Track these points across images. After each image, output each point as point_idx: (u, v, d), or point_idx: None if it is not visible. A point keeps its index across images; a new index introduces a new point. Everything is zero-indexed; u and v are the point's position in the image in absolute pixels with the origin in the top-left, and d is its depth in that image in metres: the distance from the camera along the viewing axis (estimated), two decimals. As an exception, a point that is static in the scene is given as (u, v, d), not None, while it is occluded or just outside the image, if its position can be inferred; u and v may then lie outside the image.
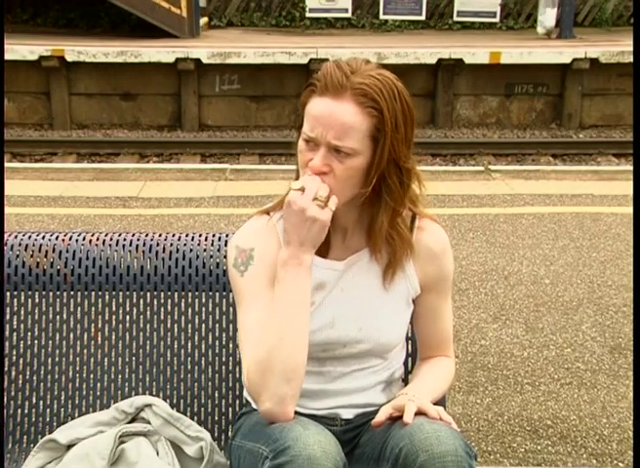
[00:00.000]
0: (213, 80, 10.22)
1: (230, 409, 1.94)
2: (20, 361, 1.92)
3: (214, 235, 2.00)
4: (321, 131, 1.52)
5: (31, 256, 1.92)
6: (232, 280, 1.66)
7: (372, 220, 1.62)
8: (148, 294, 1.94)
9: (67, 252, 1.93)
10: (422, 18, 12.39)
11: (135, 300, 1.94)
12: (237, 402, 1.94)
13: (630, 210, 5.42)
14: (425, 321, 1.76)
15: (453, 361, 1.83)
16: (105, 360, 1.93)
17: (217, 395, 1.94)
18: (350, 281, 1.67)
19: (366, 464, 1.61)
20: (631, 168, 6.38)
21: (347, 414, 1.70)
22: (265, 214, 1.70)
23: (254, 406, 1.74)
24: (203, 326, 1.94)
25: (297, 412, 1.67)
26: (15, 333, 1.92)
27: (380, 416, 1.58)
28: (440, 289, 1.74)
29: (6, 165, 7.13)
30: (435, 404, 1.62)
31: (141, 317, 1.94)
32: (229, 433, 1.92)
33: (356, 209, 1.62)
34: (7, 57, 8.70)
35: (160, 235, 2.00)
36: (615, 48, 10.24)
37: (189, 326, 1.94)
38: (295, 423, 1.52)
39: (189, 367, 1.94)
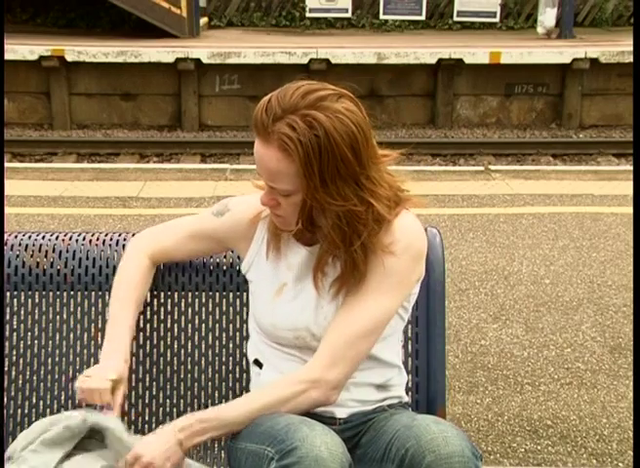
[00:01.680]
0: (213, 80, 10.22)
1: (230, 409, 1.94)
2: (20, 361, 1.92)
3: (214, 235, 2.00)
4: (259, 171, 1.58)
5: (31, 256, 1.92)
6: (205, 210, 1.83)
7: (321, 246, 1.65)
8: (148, 294, 1.93)
9: (67, 252, 1.93)
10: (422, 18, 12.39)
11: (135, 300, 1.94)
12: (237, 402, 1.94)
13: (630, 210, 5.42)
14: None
15: (317, 387, 1.62)
16: (105, 360, 1.93)
17: (217, 395, 1.94)
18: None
19: (368, 465, 1.61)
20: (631, 168, 6.38)
21: (341, 414, 1.69)
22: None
23: None
24: (203, 326, 1.94)
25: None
26: (15, 333, 1.92)
27: None
28: (367, 278, 1.63)
29: (6, 165, 7.13)
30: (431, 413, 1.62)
31: (141, 317, 1.94)
32: (229, 433, 1.92)
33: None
34: (7, 57, 8.70)
35: (160, 235, 2.00)
36: (615, 48, 10.24)
37: (189, 326, 1.94)
38: (300, 423, 1.52)
39: (189, 367, 1.94)
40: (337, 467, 1.45)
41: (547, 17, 11.69)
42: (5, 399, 1.90)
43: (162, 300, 1.94)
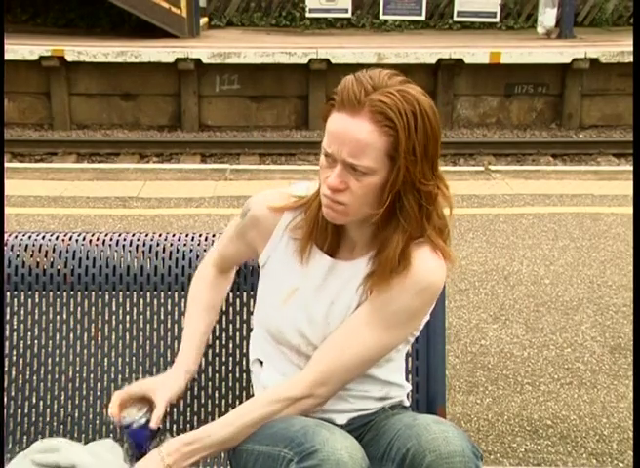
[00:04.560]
0: (213, 80, 10.22)
1: (230, 409, 1.93)
2: (20, 361, 1.92)
3: (214, 235, 2.00)
4: (337, 147, 1.49)
5: (31, 256, 1.92)
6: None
7: (385, 242, 1.56)
8: (148, 294, 1.94)
9: (67, 252, 1.93)
10: (422, 18, 12.40)
11: (135, 300, 1.94)
12: (237, 402, 1.93)
13: (630, 210, 5.42)
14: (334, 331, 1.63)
15: (304, 401, 1.61)
16: (105, 360, 1.93)
17: (217, 395, 1.94)
18: (334, 285, 1.65)
19: (370, 464, 1.60)
20: (631, 168, 6.38)
21: (341, 420, 1.68)
22: (283, 208, 1.70)
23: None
24: (203, 326, 1.94)
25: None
26: (15, 333, 1.92)
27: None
28: (377, 307, 1.59)
29: (6, 165, 7.13)
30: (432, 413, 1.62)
31: (141, 317, 1.94)
32: (229, 433, 1.92)
33: (370, 227, 1.60)
34: (7, 57, 8.71)
35: (160, 235, 2.00)
36: (615, 48, 10.24)
37: (189, 326, 1.94)
38: (317, 426, 1.51)
39: (189, 367, 1.94)
40: None
41: (547, 17, 11.70)
42: (5, 399, 1.90)
43: (162, 301, 1.94)
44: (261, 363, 1.75)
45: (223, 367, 1.94)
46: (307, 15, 12.46)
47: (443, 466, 1.45)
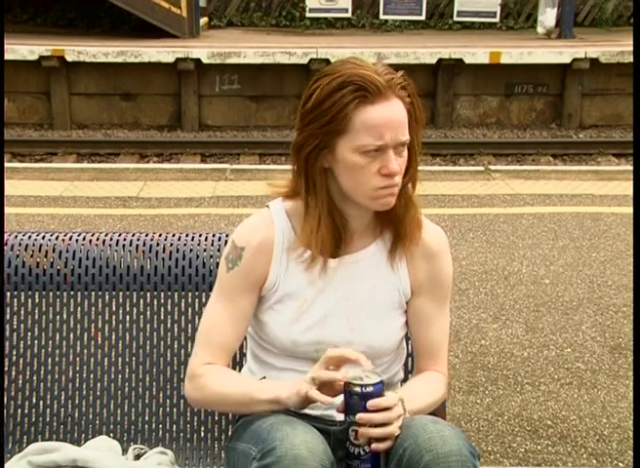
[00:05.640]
0: (213, 80, 10.22)
1: (230, 412, 1.94)
2: (20, 361, 1.93)
3: (214, 235, 2.00)
4: (391, 134, 1.55)
5: (31, 256, 1.92)
6: (219, 269, 1.70)
7: (404, 210, 1.64)
8: (148, 294, 1.94)
9: (67, 252, 1.94)
10: (422, 18, 12.38)
11: (135, 300, 1.94)
12: (237, 402, 1.93)
13: (630, 210, 5.42)
14: (415, 327, 1.74)
15: (444, 377, 1.76)
16: (105, 360, 1.94)
17: (217, 395, 1.94)
18: (344, 281, 1.66)
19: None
20: (631, 168, 6.38)
21: (341, 416, 1.68)
22: (265, 208, 1.72)
23: None
24: (203, 326, 1.94)
25: (291, 412, 1.67)
26: (15, 333, 1.92)
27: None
28: (433, 293, 1.71)
29: (6, 165, 7.13)
30: (431, 413, 1.64)
31: (141, 317, 1.94)
32: (229, 433, 1.92)
33: (369, 211, 1.65)
34: (7, 57, 8.71)
35: (160, 235, 2.00)
36: (615, 48, 10.23)
37: (189, 326, 1.94)
38: (283, 423, 1.51)
39: (189, 367, 1.94)
40: (317, 465, 1.43)
41: (547, 17, 11.69)
42: (5, 399, 1.90)
43: (162, 301, 1.94)
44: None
45: (223, 367, 1.94)
46: (307, 15, 12.44)
47: (440, 466, 1.45)
